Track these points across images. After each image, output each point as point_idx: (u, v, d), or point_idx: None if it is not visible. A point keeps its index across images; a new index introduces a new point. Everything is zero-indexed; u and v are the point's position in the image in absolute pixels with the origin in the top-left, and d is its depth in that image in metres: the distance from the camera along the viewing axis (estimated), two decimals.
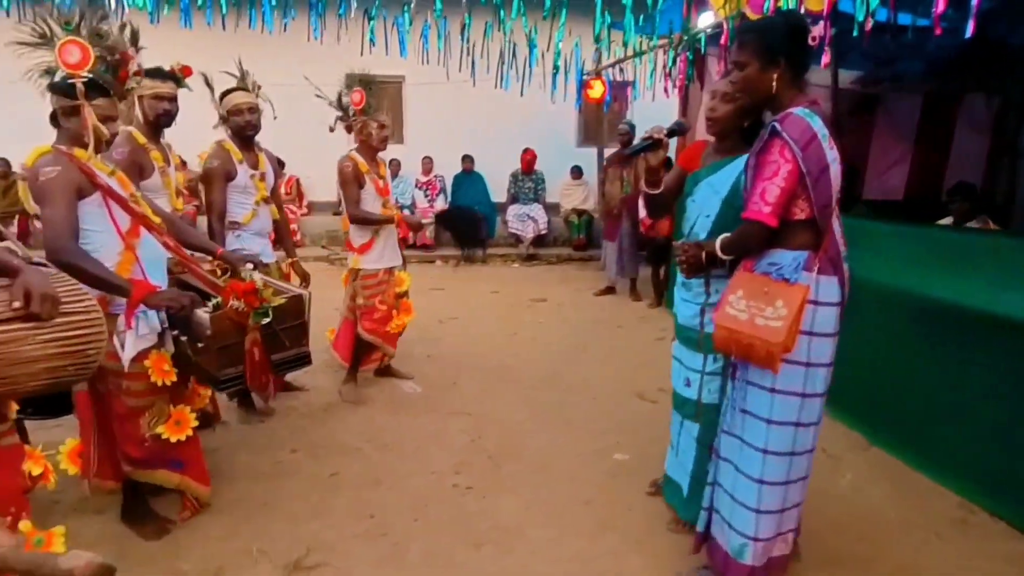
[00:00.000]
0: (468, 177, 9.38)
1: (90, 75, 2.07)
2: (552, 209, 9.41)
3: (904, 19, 3.53)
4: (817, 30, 3.34)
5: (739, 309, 1.87)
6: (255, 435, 3.36)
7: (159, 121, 2.97)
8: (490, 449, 3.25)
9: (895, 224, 3.72)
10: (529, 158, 9.33)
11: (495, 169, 9.44)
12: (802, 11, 3.77)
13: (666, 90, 6.19)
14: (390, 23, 6.89)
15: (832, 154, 1.87)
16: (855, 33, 3.50)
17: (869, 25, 3.32)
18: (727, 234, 2.01)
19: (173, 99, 2.99)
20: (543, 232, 9.22)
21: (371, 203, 3.74)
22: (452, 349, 4.92)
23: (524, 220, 9.18)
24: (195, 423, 2.49)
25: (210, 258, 2.78)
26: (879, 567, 2.34)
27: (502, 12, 5.74)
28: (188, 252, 2.56)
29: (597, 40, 5.99)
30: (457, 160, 9.39)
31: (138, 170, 2.84)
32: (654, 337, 5.23)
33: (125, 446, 2.39)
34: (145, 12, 6.13)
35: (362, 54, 7.11)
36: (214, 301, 2.45)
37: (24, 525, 1.70)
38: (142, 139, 2.90)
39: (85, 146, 2.14)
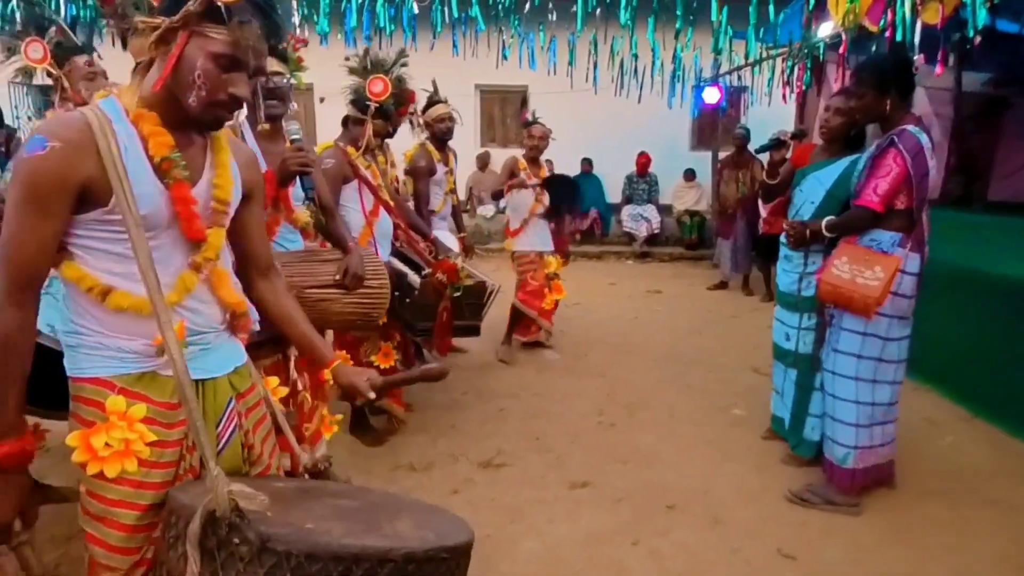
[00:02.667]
0: (586, 179, 10.02)
1: (380, 103, 2.94)
2: (664, 210, 9.87)
3: (1005, 26, 3.82)
4: (920, 60, 3.75)
5: (843, 271, 2.44)
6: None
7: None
8: (624, 401, 3.88)
9: (995, 218, 4.02)
10: (644, 161, 9.85)
11: (611, 171, 10.03)
12: (918, 24, 4.15)
13: (784, 96, 6.55)
14: (518, 39, 7.67)
15: (932, 163, 2.42)
16: (967, 43, 3.84)
17: (977, 40, 3.67)
18: (833, 216, 2.59)
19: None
20: (656, 231, 9.70)
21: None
22: (580, 327, 5.58)
23: (638, 220, 9.71)
24: (398, 357, 3.31)
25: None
26: (969, 499, 2.76)
27: (633, 29, 6.34)
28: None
29: (717, 52, 6.46)
30: (576, 162, 10.06)
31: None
32: (767, 324, 5.56)
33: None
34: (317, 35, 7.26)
35: (497, 67, 7.99)
36: (426, 271, 3.26)
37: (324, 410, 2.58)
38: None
39: (357, 147, 3.05)
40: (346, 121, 3.19)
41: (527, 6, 6.43)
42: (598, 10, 6.03)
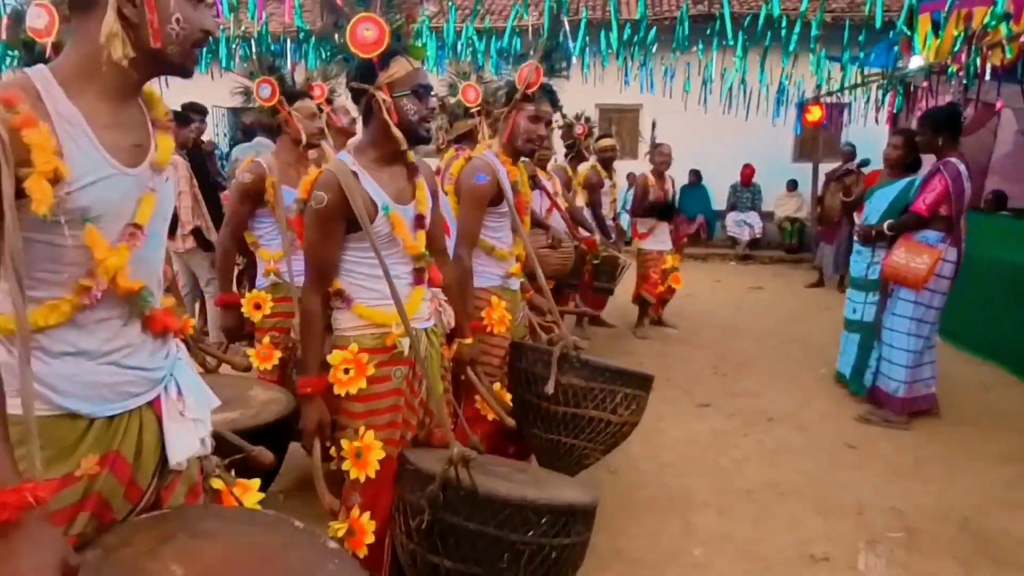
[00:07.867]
0: (694, 188, 11.11)
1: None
2: (766, 216, 10.79)
3: None
4: (970, 111, 4.77)
5: (900, 257, 3.59)
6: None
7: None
8: (732, 361, 5.09)
9: None
10: (748, 172, 10.83)
11: (717, 180, 11.06)
12: (987, 67, 5.09)
13: (876, 119, 7.45)
14: (638, 65, 8.91)
15: (967, 184, 3.52)
16: None
17: None
18: (892, 220, 3.71)
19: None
20: (758, 236, 10.65)
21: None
22: (693, 312, 6.77)
23: (741, 225, 10.70)
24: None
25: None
26: (996, 428, 3.78)
27: (746, 63, 7.47)
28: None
29: (819, 86, 7.47)
30: (685, 173, 11.16)
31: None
32: None
33: None
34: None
35: (621, 92, 9.26)
36: (575, 243, 4.62)
37: None
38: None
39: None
40: None
41: (654, 46, 7.67)
42: (715, 44, 7.20)
